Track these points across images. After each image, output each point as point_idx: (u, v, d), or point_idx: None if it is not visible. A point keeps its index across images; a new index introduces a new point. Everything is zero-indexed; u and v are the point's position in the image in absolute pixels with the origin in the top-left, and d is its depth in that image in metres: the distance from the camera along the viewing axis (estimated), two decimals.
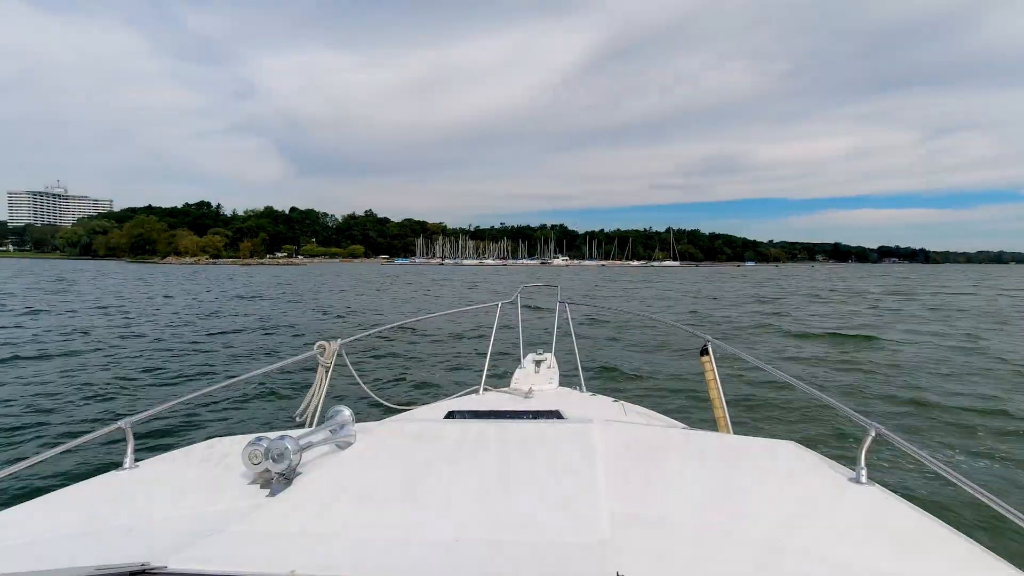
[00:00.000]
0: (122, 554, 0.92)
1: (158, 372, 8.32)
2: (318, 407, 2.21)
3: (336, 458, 1.36)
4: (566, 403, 2.56)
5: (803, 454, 1.41)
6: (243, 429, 5.55)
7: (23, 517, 1.15)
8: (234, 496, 1.19)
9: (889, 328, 13.95)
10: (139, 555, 0.86)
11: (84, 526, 1.09)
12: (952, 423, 5.81)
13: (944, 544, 0.99)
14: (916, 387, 7.38)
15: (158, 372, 8.32)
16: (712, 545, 0.95)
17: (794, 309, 19.75)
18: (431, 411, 2.46)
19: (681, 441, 1.55)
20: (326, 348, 2.33)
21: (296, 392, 6.80)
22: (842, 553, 0.93)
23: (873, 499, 1.16)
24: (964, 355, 9.92)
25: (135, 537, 1.03)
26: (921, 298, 25.52)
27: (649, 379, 8.10)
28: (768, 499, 1.14)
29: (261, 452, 1.23)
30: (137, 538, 1.02)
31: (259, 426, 5.68)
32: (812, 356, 10.06)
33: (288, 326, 14.12)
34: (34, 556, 0.97)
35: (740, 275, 69.29)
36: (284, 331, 13.21)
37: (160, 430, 5.29)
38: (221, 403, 6.32)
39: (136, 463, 1.42)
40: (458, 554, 0.89)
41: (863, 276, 66.81)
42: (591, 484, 1.16)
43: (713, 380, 2.31)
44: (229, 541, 0.95)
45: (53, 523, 1.12)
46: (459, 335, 12.42)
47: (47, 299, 21.04)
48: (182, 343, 10.98)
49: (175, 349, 10.29)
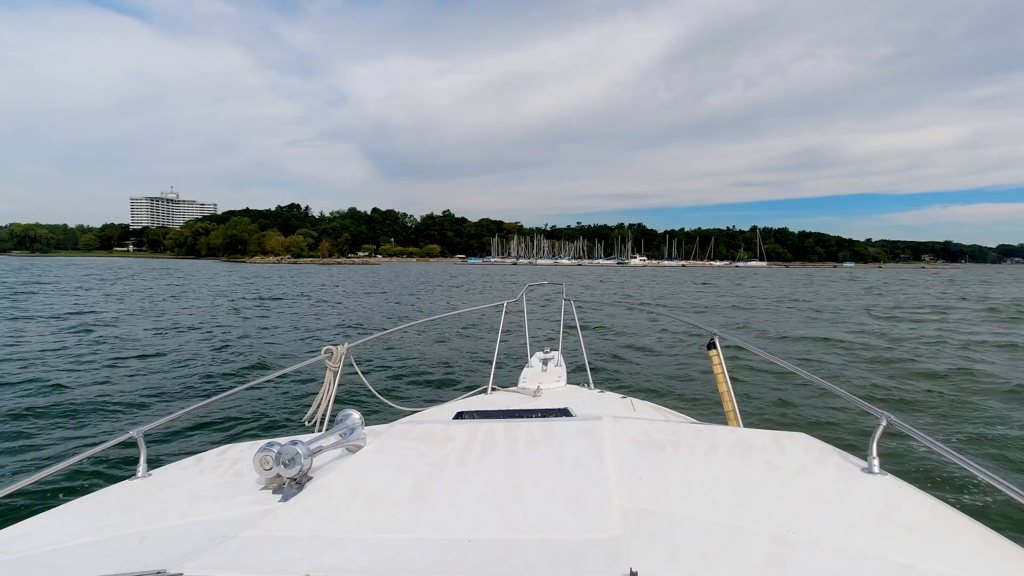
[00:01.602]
0: (138, 562, 0.95)
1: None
2: (327, 411, 2.20)
3: (347, 462, 1.37)
4: (574, 401, 2.53)
5: (814, 445, 1.39)
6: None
7: (40, 527, 1.17)
8: (247, 502, 1.21)
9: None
10: (155, 562, 0.89)
11: (100, 535, 1.11)
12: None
13: (959, 532, 0.98)
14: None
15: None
16: (724, 539, 0.95)
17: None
18: (440, 412, 2.46)
19: (690, 436, 1.51)
20: (334, 352, 2.34)
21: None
22: (855, 544, 0.92)
23: (886, 489, 1.14)
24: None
25: (150, 545, 1.04)
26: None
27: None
28: (779, 492, 1.13)
29: (272, 457, 1.23)
30: (152, 545, 1.04)
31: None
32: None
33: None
34: (52, 566, 0.99)
35: (842, 277, 61.52)
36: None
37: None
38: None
39: (149, 472, 1.44)
40: (471, 554, 0.89)
41: (1010, 280, 55.71)
42: (601, 481, 1.16)
43: (721, 374, 2.30)
44: (243, 546, 0.95)
45: (70, 533, 1.13)
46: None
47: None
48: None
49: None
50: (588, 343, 3.65)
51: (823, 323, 15.73)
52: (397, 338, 11.50)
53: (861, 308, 20.56)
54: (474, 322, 14.05)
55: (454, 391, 6.41)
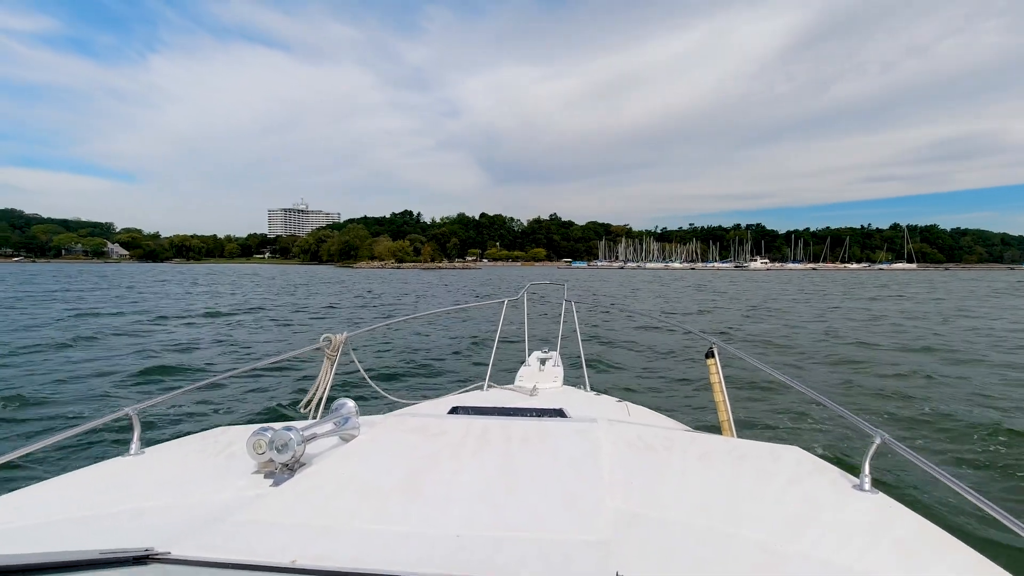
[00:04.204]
0: (127, 539, 0.95)
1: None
2: (323, 399, 2.20)
3: (339, 450, 1.37)
4: (570, 402, 2.50)
5: (807, 459, 1.39)
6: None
7: (28, 500, 1.17)
8: (238, 485, 1.20)
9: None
10: (144, 540, 0.89)
11: (90, 511, 1.10)
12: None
13: (947, 553, 0.98)
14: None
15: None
16: (712, 547, 0.95)
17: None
18: (435, 406, 2.46)
19: (685, 442, 1.51)
20: (332, 340, 2.33)
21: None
22: (843, 558, 0.93)
23: (877, 506, 1.14)
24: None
25: (140, 523, 1.04)
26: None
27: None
28: (770, 503, 1.13)
29: (265, 442, 1.22)
30: (142, 524, 1.04)
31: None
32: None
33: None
34: (39, 539, 1.00)
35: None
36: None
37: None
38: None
39: (142, 450, 1.44)
40: (460, 549, 0.89)
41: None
42: (593, 483, 1.16)
43: (718, 383, 2.29)
44: (232, 529, 0.95)
45: (59, 507, 1.12)
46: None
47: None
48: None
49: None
50: (585, 346, 3.67)
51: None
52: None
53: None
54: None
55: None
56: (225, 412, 5.78)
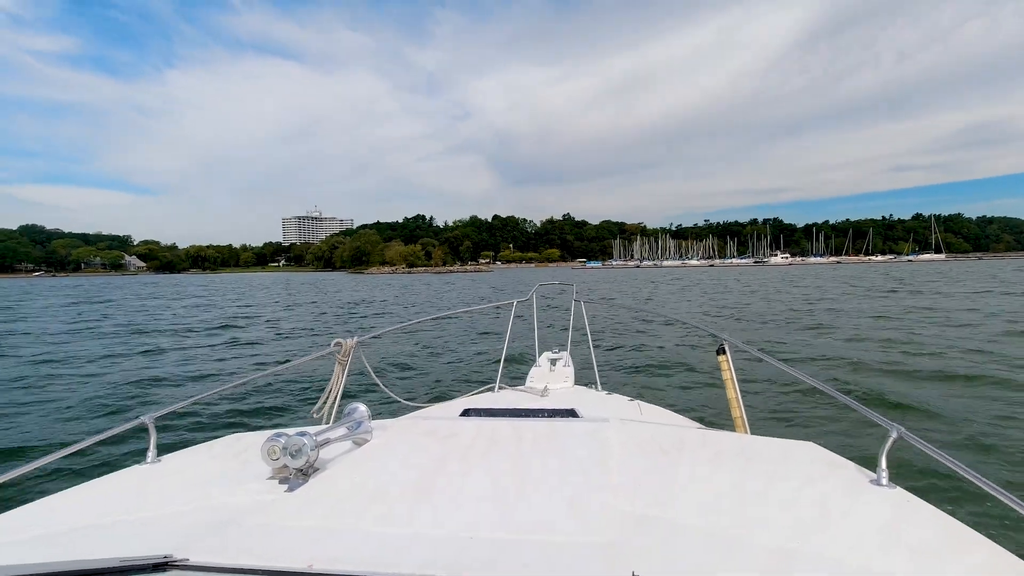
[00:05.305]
0: (146, 546, 0.96)
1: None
2: (335, 404, 2.22)
3: (353, 455, 1.38)
4: (582, 402, 2.51)
5: (822, 455, 1.36)
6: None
7: (48, 509, 1.18)
8: (253, 491, 1.21)
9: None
10: (162, 547, 0.90)
11: (109, 518, 1.12)
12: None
13: (971, 550, 0.95)
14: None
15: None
16: (725, 548, 0.93)
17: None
18: (447, 409, 2.44)
19: (697, 441, 1.48)
20: (343, 345, 2.34)
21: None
22: (859, 558, 0.90)
23: (894, 502, 1.11)
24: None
25: (158, 529, 1.05)
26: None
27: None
28: (784, 502, 1.11)
29: (279, 448, 1.24)
30: (160, 530, 1.05)
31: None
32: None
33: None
34: (59, 547, 1.00)
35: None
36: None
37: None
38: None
39: (159, 457, 1.45)
40: (471, 551, 0.90)
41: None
42: (605, 484, 1.16)
43: (730, 380, 2.25)
44: (248, 534, 0.97)
45: (78, 515, 1.14)
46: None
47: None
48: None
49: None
50: (596, 345, 3.54)
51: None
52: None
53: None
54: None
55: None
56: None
